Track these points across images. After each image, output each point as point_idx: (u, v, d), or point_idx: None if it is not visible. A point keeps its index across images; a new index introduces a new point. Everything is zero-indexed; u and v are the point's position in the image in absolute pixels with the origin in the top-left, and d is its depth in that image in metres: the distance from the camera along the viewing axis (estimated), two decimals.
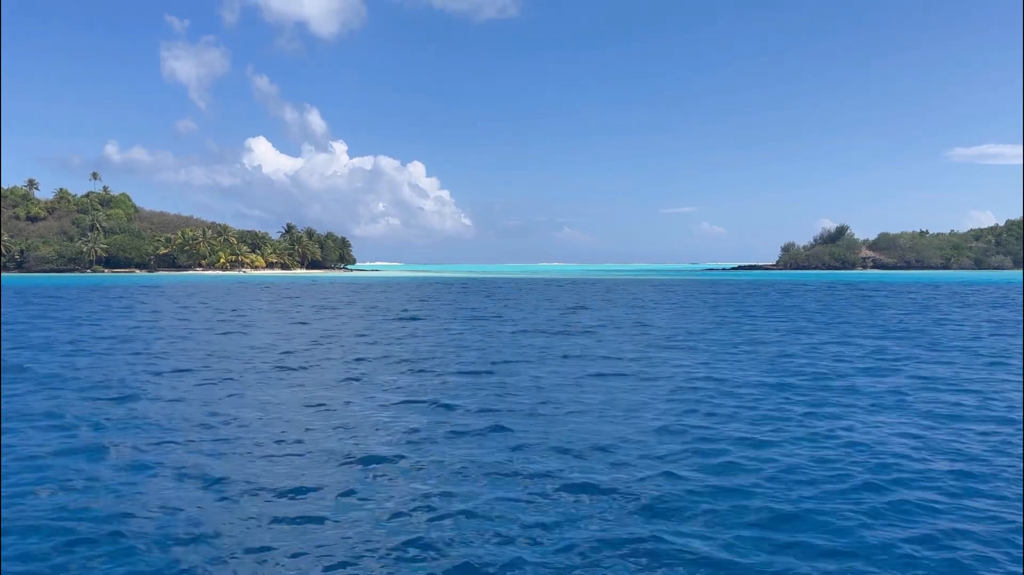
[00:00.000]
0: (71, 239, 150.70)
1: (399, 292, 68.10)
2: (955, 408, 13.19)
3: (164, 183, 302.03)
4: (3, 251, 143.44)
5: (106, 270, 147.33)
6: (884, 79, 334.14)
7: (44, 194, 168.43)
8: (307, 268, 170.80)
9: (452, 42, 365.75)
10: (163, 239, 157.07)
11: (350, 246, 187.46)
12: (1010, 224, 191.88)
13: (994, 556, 6.81)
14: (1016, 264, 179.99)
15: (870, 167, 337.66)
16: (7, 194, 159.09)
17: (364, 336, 27.04)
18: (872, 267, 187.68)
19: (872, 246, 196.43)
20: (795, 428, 11.58)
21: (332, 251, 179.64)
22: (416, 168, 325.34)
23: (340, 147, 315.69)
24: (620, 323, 31.64)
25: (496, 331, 28.31)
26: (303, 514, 7.84)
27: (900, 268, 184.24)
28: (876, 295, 58.68)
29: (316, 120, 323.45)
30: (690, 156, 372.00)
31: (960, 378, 16.58)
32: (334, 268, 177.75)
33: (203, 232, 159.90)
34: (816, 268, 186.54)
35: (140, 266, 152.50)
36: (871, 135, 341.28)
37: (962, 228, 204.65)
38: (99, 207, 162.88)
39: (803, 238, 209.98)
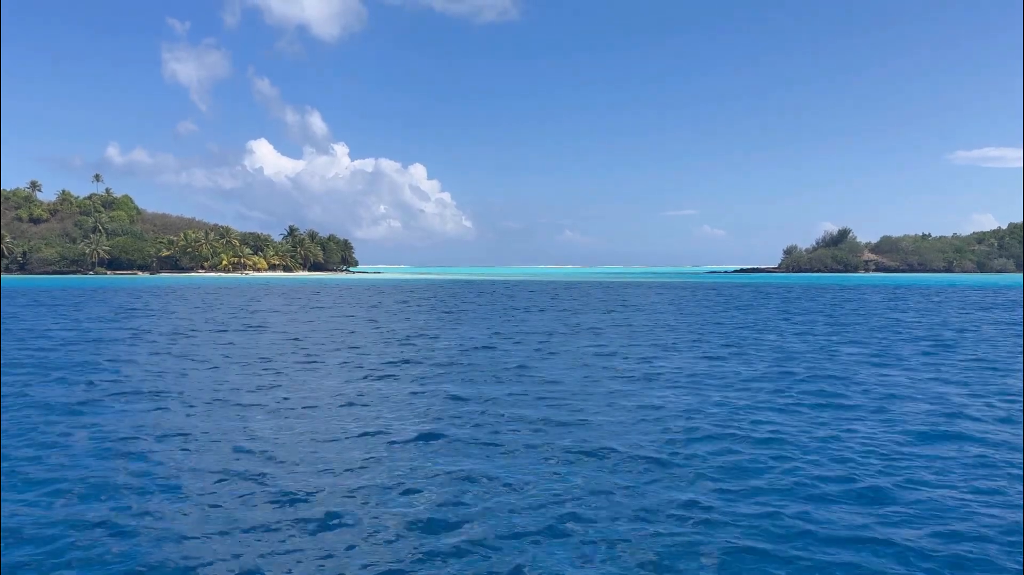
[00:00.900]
0: (73, 241, 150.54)
1: (449, 295, 63.35)
2: None
3: (165, 185, 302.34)
4: (5, 253, 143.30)
5: (108, 272, 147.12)
6: (885, 82, 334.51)
7: (47, 196, 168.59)
8: (309, 270, 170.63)
9: (453, 45, 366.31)
10: (165, 241, 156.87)
11: (352, 248, 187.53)
12: (1012, 227, 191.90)
13: None
14: (1018, 267, 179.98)
15: (871, 170, 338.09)
16: (10, 196, 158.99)
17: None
18: (874, 270, 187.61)
19: (874, 249, 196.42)
20: None
21: (334, 253, 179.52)
22: (417, 170, 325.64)
23: (341, 149, 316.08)
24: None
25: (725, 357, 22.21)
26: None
27: (902, 271, 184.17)
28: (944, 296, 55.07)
29: (317, 122, 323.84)
30: (691, 159, 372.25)
31: None
32: (336, 270, 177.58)
33: (205, 234, 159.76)
34: (818, 271, 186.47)
35: (142, 268, 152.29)
36: (872, 138, 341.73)
37: (964, 231, 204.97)
38: (101, 209, 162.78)
39: (804, 241, 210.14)
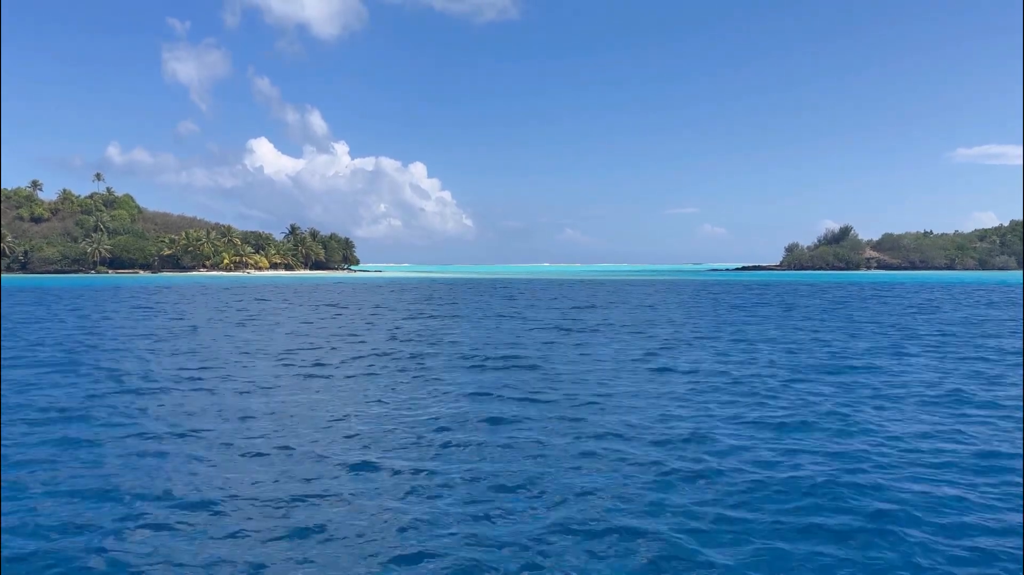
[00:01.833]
0: (75, 240, 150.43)
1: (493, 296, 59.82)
2: None
3: (166, 184, 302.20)
4: (7, 252, 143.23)
5: (110, 271, 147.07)
6: (885, 81, 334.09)
7: (48, 195, 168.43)
8: (310, 269, 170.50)
9: (453, 44, 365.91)
10: (167, 240, 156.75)
11: (354, 247, 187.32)
12: (1014, 224, 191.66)
13: None
14: (1020, 265, 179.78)
15: (871, 168, 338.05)
16: (11, 195, 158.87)
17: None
18: (876, 268, 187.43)
19: (876, 247, 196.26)
20: None
21: (336, 252, 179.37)
22: (417, 169, 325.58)
23: (341, 148, 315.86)
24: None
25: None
26: None
27: (904, 269, 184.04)
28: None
29: (317, 121, 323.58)
30: (691, 157, 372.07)
31: None
32: (338, 269, 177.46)
33: (207, 233, 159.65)
34: (820, 269, 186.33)
35: (144, 267, 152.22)
36: (872, 136, 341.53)
37: (964, 229, 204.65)
38: (103, 208, 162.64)
39: (805, 239, 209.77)
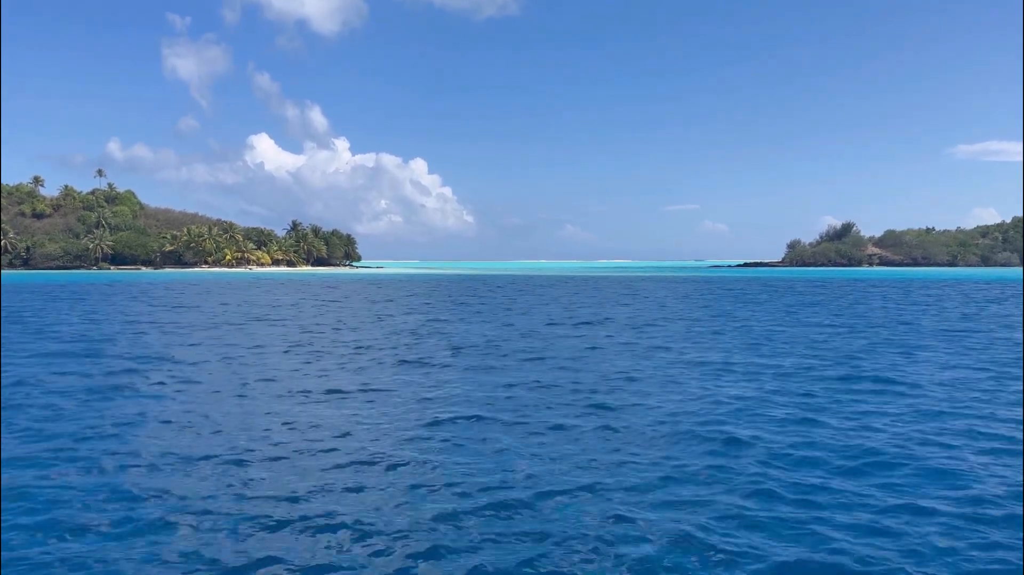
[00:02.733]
0: (77, 236, 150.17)
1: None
2: None
3: (166, 181, 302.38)
4: (9, 248, 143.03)
5: (112, 267, 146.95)
6: (886, 76, 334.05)
7: (49, 191, 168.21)
8: (312, 265, 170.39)
9: (453, 40, 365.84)
10: (169, 236, 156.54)
11: (355, 243, 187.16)
12: (1016, 221, 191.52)
13: None
14: (1022, 261, 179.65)
15: (872, 165, 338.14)
16: (13, 191, 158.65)
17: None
18: (878, 264, 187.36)
19: (878, 243, 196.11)
20: None
21: (337, 248, 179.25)
22: (418, 165, 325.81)
23: (342, 144, 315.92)
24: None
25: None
26: None
27: (906, 265, 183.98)
28: None
29: (318, 117, 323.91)
30: (692, 154, 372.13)
31: None
32: (340, 265, 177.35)
33: (209, 229, 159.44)
34: (822, 265, 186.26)
35: (146, 263, 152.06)
36: (873, 132, 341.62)
37: (965, 225, 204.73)
38: (104, 204, 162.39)
39: (805, 235, 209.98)
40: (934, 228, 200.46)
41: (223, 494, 8.59)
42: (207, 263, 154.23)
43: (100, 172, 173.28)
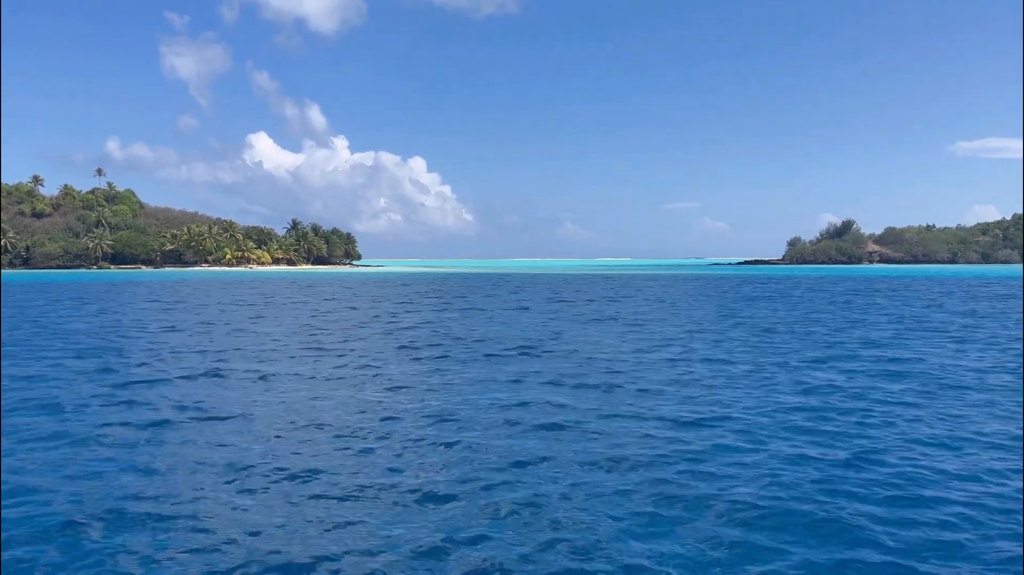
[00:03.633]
0: (77, 235, 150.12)
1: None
2: None
3: (166, 180, 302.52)
4: (9, 247, 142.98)
5: (112, 266, 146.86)
6: (885, 73, 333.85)
7: (49, 190, 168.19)
8: (313, 264, 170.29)
9: (452, 38, 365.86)
10: (169, 235, 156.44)
11: (355, 242, 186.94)
12: (1016, 218, 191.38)
13: None
14: (1022, 258, 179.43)
15: (871, 162, 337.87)
16: (12, 190, 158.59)
17: None
18: (879, 262, 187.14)
19: (879, 240, 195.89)
20: None
21: (337, 247, 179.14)
22: (417, 163, 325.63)
23: (341, 143, 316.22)
24: None
25: None
26: None
27: (907, 263, 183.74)
28: None
29: (316, 116, 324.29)
30: (691, 151, 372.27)
31: None
32: (339, 264, 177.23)
33: (209, 228, 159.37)
34: (823, 263, 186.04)
35: (146, 262, 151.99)
36: (872, 129, 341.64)
37: (965, 222, 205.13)
38: (104, 203, 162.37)
39: (805, 233, 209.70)
40: (934, 225, 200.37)
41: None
42: (207, 262, 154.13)
43: (100, 171, 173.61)
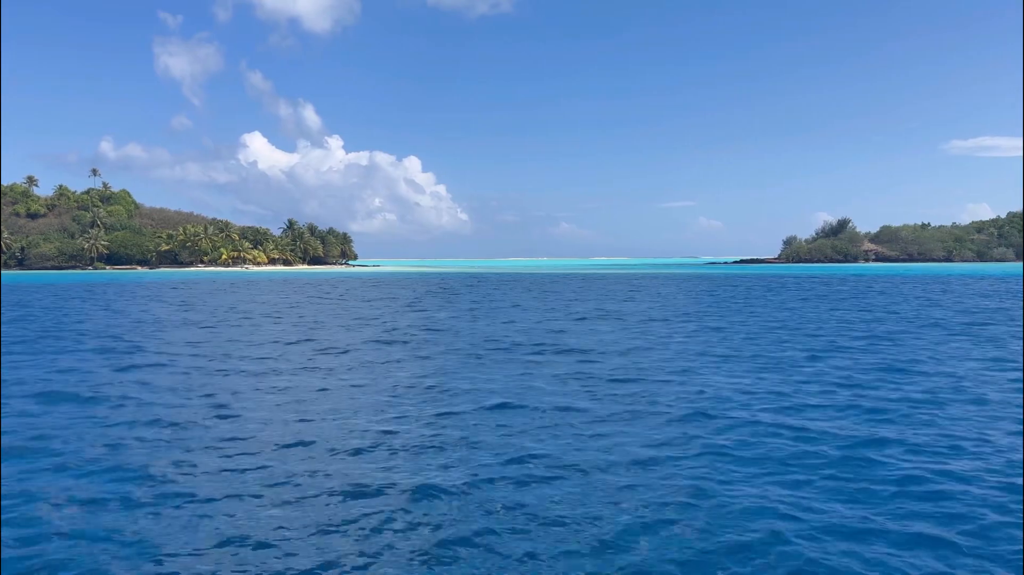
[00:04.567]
0: (72, 236, 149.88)
1: None
2: None
3: (160, 179, 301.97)
4: (4, 248, 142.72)
5: (108, 267, 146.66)
6: (880, 72, 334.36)
7: (43, 191, 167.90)
8: (309, 264, 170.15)
9: (446, 37, 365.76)
10: (164, 235, 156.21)
11: (352, 242, 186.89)
12: (1012, 216, 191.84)
13: None
14: (1018, 256, 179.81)
15: (866, 160, 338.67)
16: (7, 191, 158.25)
17: None
18: (874, 260, 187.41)
19: (874, 239, 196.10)
20: None
21: (334, 247, 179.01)
22: (412, 163, 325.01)
23: (335, 142, 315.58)
24: None
25: None
26: None
27: (902, 261, 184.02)
28: None
29: (311, 115, 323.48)
30: (687, 150, 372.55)
31: None
32: (336, 264, 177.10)
33: (205, 228, 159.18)
34: (819, 262, 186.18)
35: (141, 262, 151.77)
36: (866, 128, 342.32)
37: (959, 220, 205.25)
38: (99, 203, 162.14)
39: (800, 231, 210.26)
40: (929, 223, 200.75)
41: None
42: (203, 262, 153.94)
43: (95, 171, 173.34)
